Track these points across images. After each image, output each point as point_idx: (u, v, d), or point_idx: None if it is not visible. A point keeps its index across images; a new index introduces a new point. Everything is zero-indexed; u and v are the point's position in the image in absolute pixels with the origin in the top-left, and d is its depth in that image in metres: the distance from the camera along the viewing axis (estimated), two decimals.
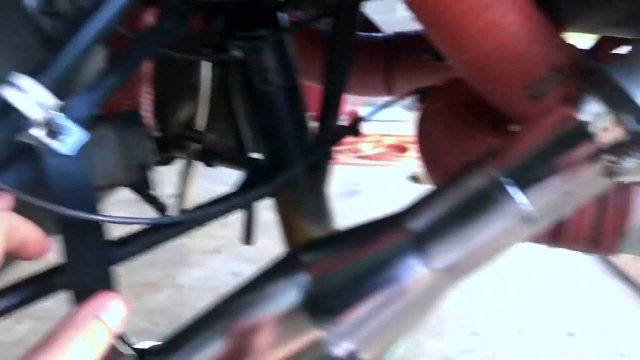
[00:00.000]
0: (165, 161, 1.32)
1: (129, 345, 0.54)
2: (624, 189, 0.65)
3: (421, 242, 0.49)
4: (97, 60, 0.82)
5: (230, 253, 3.19)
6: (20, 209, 0.54)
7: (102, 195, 0.98)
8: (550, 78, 0.52)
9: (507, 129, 0.71)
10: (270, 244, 2.51)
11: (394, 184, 4.39)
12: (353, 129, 0.79)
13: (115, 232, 0.70)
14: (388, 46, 1.14)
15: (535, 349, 2.28)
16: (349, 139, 0.84)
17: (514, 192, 0.48)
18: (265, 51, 0.80)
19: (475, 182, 0.50)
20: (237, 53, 0.76)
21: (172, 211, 1.16)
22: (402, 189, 4.28)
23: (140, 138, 0.91)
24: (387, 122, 6.78)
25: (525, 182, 0.48)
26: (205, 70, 1.17)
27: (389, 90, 1.13)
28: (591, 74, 0.49)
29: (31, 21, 0.73)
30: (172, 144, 1.27)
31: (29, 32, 0.74)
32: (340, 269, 0.50)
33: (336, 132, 0.80)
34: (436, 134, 0.76)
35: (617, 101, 0.46)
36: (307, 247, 0.56)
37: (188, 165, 1.23)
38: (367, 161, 5.07)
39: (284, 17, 0.85)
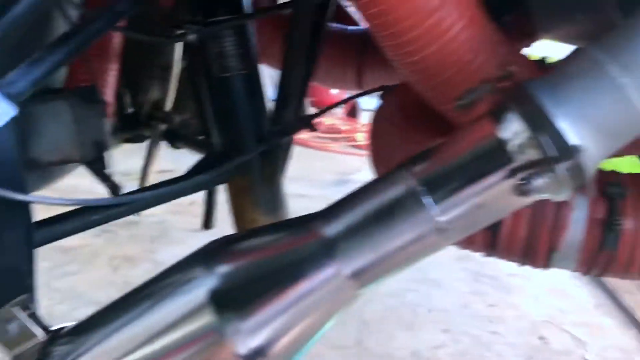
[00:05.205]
0: (138, 138, 1.32)
1: (43, 326, 0.54)
2: (560, 205, 0.65)
3: (332, 247, 0.49)
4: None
5: (211, 233, 3.20)
6: None
7: (56, 171, 0.97)
8: (479, 90, 0.52)
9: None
10: None
11: None
12: (308, 123, 0.78)
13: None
14: (361, 40, 1.12)
15: (506, 350, 2.29)
16: (345, 127, 0.82)
17: (428, 202, 0.48)
18: (224, 36, 0.79)
19: (392, 189, 0.49)
20: (192, 37, 0.75)
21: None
22: None
23: (96, 115, 0.90)
24: None
25: (439, 192, 0.48)
26: (177, 52, 1.16)
27: (359, 85, 1.12)
28: (516, 90, 0.48)
29: None
30: (143, 122, 1.27)
31: None
32: (250, 265, 0.50)
33: (289, 124, 0.79)
34: (386, 133, 0.75)
35: (537, 121, 0.46)
36: (228, 238, 0.55)
37: (152, 146, 1.22)
38: (362, 151, 5.04)
39: (247, 1, 0.84)
